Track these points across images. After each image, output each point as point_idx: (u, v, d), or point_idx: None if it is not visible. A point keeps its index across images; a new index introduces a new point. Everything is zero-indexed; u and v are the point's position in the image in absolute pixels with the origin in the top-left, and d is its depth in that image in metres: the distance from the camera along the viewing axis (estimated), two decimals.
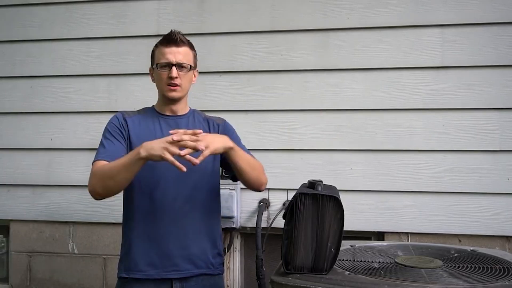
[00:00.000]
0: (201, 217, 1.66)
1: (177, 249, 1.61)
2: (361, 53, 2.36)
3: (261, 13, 2.45)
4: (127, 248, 1.64)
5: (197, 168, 1.63)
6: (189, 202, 1.64)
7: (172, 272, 1.61)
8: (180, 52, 1.64)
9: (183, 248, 1.62)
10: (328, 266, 1.39)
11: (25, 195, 2.60)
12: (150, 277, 1.60)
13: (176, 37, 1.64)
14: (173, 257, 1.61)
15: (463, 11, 2.29)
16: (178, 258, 1.61)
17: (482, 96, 2.26)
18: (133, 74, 2.52)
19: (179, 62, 1.63)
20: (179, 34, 1.66)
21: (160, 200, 1.62)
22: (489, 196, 2.25)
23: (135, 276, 1.61)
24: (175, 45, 1.64)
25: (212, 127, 1.74)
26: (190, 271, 1.63)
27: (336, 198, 1.37)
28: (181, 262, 1.62)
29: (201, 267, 1.65)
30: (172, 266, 1.61)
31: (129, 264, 1.62)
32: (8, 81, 2.64)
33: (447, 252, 1.68)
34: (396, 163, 2.32)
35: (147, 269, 1.60)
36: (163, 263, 1.61)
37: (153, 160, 1.45)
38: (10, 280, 2.64)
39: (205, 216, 1.68)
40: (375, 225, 2.34)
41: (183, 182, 1.63)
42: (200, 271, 1.65)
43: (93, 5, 2.59)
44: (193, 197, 1.65)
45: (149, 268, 1.60)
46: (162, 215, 1.61)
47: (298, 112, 2.41)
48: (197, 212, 1.65)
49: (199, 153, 1.44)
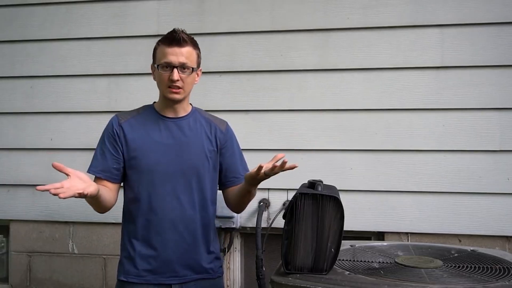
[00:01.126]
0: (200, 222, 1.65)
1: (176, 255, 1.61)
2: (361, 53, 2.36)
3: (261, 13, 2.45)
4: (126, 253, 1.64)
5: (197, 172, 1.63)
6: (188, 206, 1.63)
7: (170, 278, 1.61)
8: (182, 53, 1.56)
9: (182, 254, 1.61)
10: (328, 266, 1.39)
11: (25, 195, 2.60)
12: (149, 282, 1.60)
13: (179, 37, 1.56)
14: (172, 263, 1.61)
15: (463, 11, 2.29)
16: (177, 264, 1.61)
17: (482, 96, 2.26)
18: (133, 74, 2.52)
19: (181, 63, 1.56)
20: (183, 33, 1.58)
21: (159, 206, 1.60)
22: (489, 196, 2.25)
23: (133, 280, 1.61)
24: (178, 45, 1.56)
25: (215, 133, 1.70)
26: (189, 276, 1.63)
27: (336, 198, 1.37)
28: (180, 268, 1.61)
29: (200, 272, 1.65)
30: (170, 272, 1.61)
31: (128, 268, 1.62)
32: (8, 81, 2.64)
33: (447, 252, 1.68)
34: (396, 163, 2.32)
35: (146, 274, 1.60)
36: (162, 269, 1.60)
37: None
38: (10, 280, 2.64)
39: (204, 221, 1.67)
40: (375, 225, 2.34)
41: (182, 189, 1.62)
42: (199, 276, 1.65)
43: (93, 5, 2.59)
44: (192, 202, 1.63)
45: (148, 273, 1.60)
46: (160, 222, 1.60)
47: (298, 112, 2.41)
48: (196, 216, 1.64)
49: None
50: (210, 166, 1.67)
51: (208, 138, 1.68)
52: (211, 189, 1.69)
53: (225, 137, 1.72)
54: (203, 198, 1.66)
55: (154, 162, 1.61)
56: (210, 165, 1.67)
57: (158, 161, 1.61)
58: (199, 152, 1.65)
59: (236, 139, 1.78)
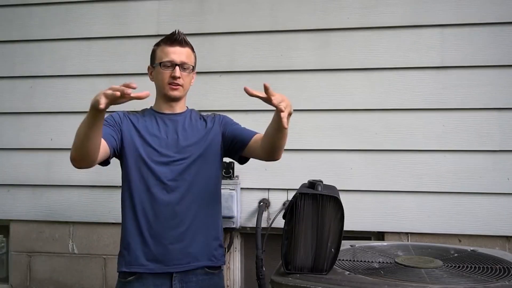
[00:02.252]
0: (202, 211, 1.67)
1: (178, 243, 1.62)
2: (361, 53, 2.36)
3: (261, 13, 2.45)
4: (127, 243, 1.64)
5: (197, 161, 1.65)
6: (188, 196, 1.64)
7: (172, 266, 1.62)
8: (183, 53, 1.67)
9: (183, 242, 1.63)
10: (328, 266, 1.39)
11: (25, 195, 2.60)
12: (151, 271, 1.61)
13: (180, 38, 1.67)
14: (174, 251, 1.62)
15: (463, 11, 2.29)
16: (178, 252, 1.62)
17: (482, 96, 2.26)
18: (133, 74, 2.52)
19: (182, 62, 1.66)
20: (183, 35, 1.69)
21: (160, 194, 1.62)
22: (489, 196, 2.25)
23: (136, 270, 1.62)
24: (179, 45, 1.67)
25: (210, 122, 1.74)
26: (191, 263, 1.64)
27: (336, 198, 1.38)
28: (181, 256, 1.62)
29: (202, 259, 1.66)
30: (172, 260, 1.62)
31: (129, 258, 1.63)
32: (8, 81, 2.64)
33: (447, 252, 1.68)
34: (396, 163, 2.32)
35: (148, 263, 1.61)
36: (164, 257, 1.61)
37: (96, 106, 1.40)
38: (10, 280, 2.64)
39: (206, 210, 1.68)
40: (375, 225, 2.33)
41: (182, 175, 1.64)
42: (201, 263, 1.66)
43: (93, 5, 2.59)
44: (192, 192, 1.65)
45: (150, 262, 1.61)
46: (162, 209, 1.62)
47: (298, 112, 2.39)
48: (198, 206, 1.66)
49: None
50: (209, 156, 1.69)
51: (204, 129, 1.72)
52: (212, 178, 1.71)
53: (219, 120, 1.75)
54: (203, 188, 1.67)
55: (153, 155, 1.64)
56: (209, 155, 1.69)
57: (157, 154, 1.64)
58: (197, 144, 1.68)
59: (232, 119, 1.79)
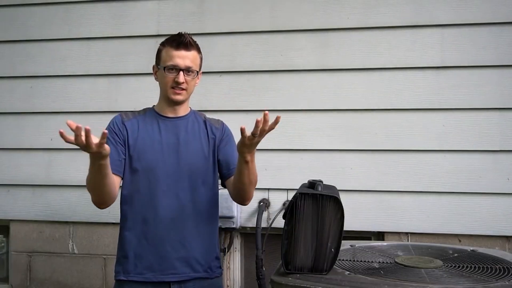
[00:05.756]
0: (200, 221, 1.66)
1: (175, 252, 1.61)
2: (361, 53, 2.36)
3: (261, 13, 2.45)
4: (125, 251, 1.63)
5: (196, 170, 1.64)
6: (187, 205, 1.63)
7: (169, 275, 1.61)
8: (188, 57, 1.61)
9: (181, 251, 1.62)
10: (328, 266, 1.39)
11: (25, 195, 2.60)
12: (148, 280, 1.60)
13: (186, 40, 1.61)
14: (171, 260, 1.61)
15: (463, 11, 2.29)
16: (176, 261, 1.61)
17: (482, 96, 2.26)
18: (133, 74, 2.52)
19: (187, 67, 1.61)
20: (190, 37, 1.63)
21: (159, 202, 1.61)
22: (489, 196, 2.25)
23: (133, 278, 1.61)
24: (185, 49, 1.61)
25: (211, 131, 1.72)
26: (188, 274, 1.63)
27: (336, 198, 1.38)
28: (179, 265, 1.61)
29: (199, 271, 1.65)
30: (170, 269, 1.61)
31: (127, 267, 1.62)
32: (8, 81, 2.64)
33: (447, 252, 1.68)
34: (396, 163, 2.32)
35: (145, 271, 1.60)
36: (161, 266, 1.60)
37: (104, 155, 1.40)
38: (10, 280, 2.64)
39: (204, 220, 1.67)
40: (375, 225, 2.33)
41: (181, 184, 1.62)
42: (198, 274, 1.64)
43: (93, 5, 2.59)
44: (191, 200, 1.64)
45: (147, 270, 1.60)
46: (160, 218, 1.61)
47: (298, 112, 2.41)
48: (196, 215, 1.65)
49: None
50: (209, 164, 1.68)
51: (206, 136, 1.70)
52: (210, 188, 1.70)
53: (222, 132, 1.74)
54: (202, 197, 1.66)
55: (153, 161, 1.62)
56: (209, 163, 1.68)
57: (157, 160, 1.62)
58: (198, 151, 1.67)
59: (232, 135, 1.78)
